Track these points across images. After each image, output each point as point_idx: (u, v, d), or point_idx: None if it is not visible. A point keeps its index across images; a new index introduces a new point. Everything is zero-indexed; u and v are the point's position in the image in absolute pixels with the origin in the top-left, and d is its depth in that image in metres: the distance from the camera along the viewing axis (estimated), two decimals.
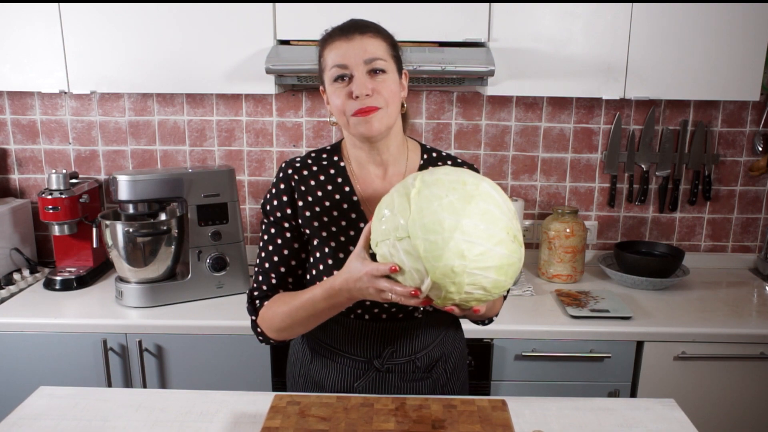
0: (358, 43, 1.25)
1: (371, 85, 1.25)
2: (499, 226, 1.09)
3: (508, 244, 1.10)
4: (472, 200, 1.08)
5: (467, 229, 1.06)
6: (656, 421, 1.32)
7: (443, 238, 1.05)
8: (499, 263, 1.09)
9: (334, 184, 1.37)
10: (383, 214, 1.14)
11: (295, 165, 1.39)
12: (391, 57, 1.29)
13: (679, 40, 2.05)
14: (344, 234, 1.35)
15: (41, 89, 2.13)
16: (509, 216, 1.13)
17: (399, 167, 1.38)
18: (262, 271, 1.38)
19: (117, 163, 2.52)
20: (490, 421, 1.27)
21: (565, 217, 2.33)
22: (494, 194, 1.13)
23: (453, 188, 1.10)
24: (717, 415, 2.03)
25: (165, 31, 2.06)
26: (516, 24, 2.04)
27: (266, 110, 2.46)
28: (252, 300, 1.39)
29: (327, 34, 1.31)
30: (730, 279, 2.44)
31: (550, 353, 1.97)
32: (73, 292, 2.21)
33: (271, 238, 1.38)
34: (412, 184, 1.13)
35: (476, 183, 1.12)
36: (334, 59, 1.26)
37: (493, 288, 1.11)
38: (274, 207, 1.37)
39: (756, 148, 2.46)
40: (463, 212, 1.07)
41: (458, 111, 2.46)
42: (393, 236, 1.10)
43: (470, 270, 1.07)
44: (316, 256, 1.36)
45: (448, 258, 1.05)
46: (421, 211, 1.08)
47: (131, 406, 1.36)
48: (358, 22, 1.30)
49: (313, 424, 1.26)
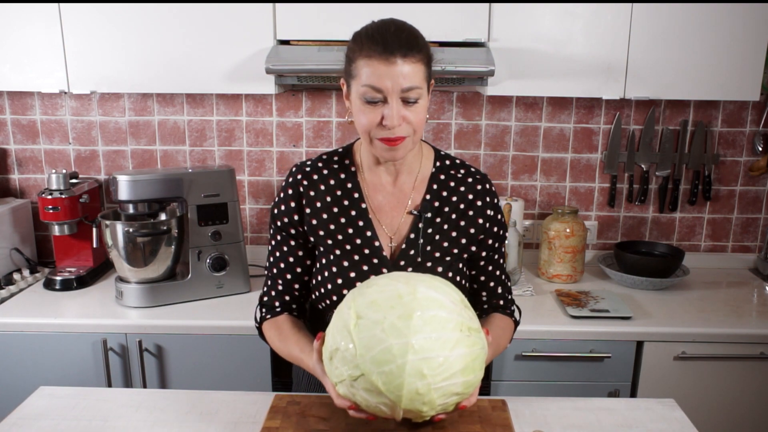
0: (399, 69, 1.18)
1: (403, 113, 1.21)
2: (450, 327, 1.05)
3: (465, 340, 1.06)
4: (413, 313, 1.03)
5: (418, 346, 1.01)
6: (656, 421, 1.32)
7: (397, 365, 1.01)
8: (464, 365, 1.05)
9: (344, 189, 1.37)
10: (330, 348, 1.09)
11: (305, 169, 1.38)
12: (425, 79, 1.24)
13: (679, 40, 2.05)
14: (350, 242, 1.34)
15: (41, 89, 2.13)
16: (458, 308, 1.08)
17: (410, 175, 1.38)
18: (270, 276, 1.43)
19: (117, 163, 2.52)
20: (490, 421, 1.27)
21: (565, 217, 2.33)
22: (434, 294, 1.07)
23: (390, 306, 1.05)
24: (717, 415, 2.03)
25: (165, 31, 2.06)
26: (516, 24, 2.04)
27: (266, 110, 2.46)
28: (261, 306, 1.44)
29: (365, 39, 1.22)
30: (730, 279, 2.44)
31: (550, 353, 1.97)
32: (73, 292, 2.21)
33: (278, 244, 1.41)
34: (348, 314, 1.07)
35: (412, 290, 1.07)
36: (369, 78, 1.20)
37: (466, 388, 1.08)
38: (281, 212, 1.38)
39: (756, 148, 2.46)
40: (408, 331, 1.02)
41: (458, 111, 2.46)
42: (347, 376, 1.05)
43: (436, 385, 1.03)
44: (322, 263, 1.37)
45: (409, 383, 1.01)
46: (366, 345, 1.03)
47: (131, 406, 1.36)
48: (401, 34, 1.21)
49: (313, 424, 1.26)
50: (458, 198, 1.38)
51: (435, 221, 1.36)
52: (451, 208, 1.37)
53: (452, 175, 1.39)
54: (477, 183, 1.39)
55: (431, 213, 1.36)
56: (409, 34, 1.23)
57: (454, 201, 1.38)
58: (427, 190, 1.38)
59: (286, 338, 1.36)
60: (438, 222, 1.36)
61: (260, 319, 1.43)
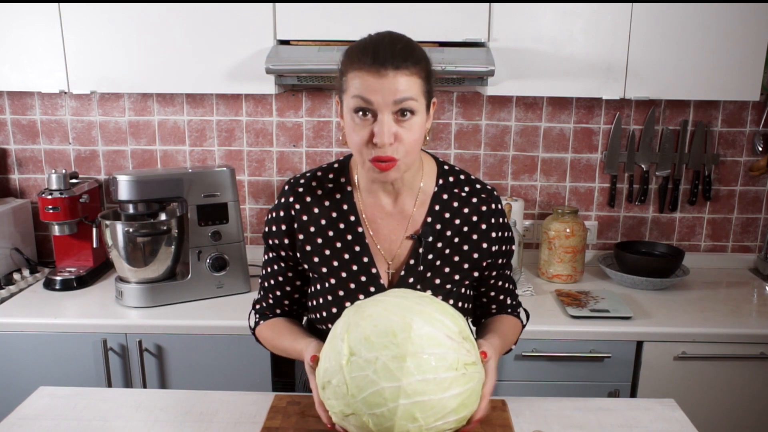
0: (390, 81, 1.09)
1: (395, 129, 1.12)
2: (444, 367, 1.01)
3: (460, 379, 1.03)
4: (407, 354, 1.00)
5: (411, 390, 0.99)
6: (656, 421, 1.32)
7: (389, 409, 0.99)
8: (457, 404, 1.03)
9: (339, 211, 1.29)
10: (322, 377, 1.07)
11: (298, 190, 1.30)
12: (423, 94, 1.14)
13: (679, 40, 2.05)
14: (346, 269, 1.28)
15: (41, 89, 2.13)
16: (455, 344, 1.04)
17: (411, 195, 1.29)
18: (262, 288, 1.41)
19: (117, 163, 2.52)
20: (490, 421, 1.27)
21: (565, 217, 2.33)
22: (429, 330, 1.03)
23: (383, 345, 1.01)
24: (717, 415, 2.03)
25: (165, 31, 2.06)
26: (516, 24, 2.04)
27: (266, 110, 2.46)
28: (254, 312, 1.44)
29: (356, 52, 1.14)
30: (730, 279, 2.44)
31: (550, 353, 1.97)
32: (73, 292, 2.21)
33: (269, 261, 1.38)
34: (341, 347, 1.05)
35: (406, 327, 1.02)
36: (358, 89, 1.11)
37: (459, 423, 1.06)
38: (273, 233, 1.33)
39: (756, 148, 2.46)
40: (400, 374, 0.99)
41: (458, 111, 2.46)
42: (339, 411, 1.05)
43: (428, 426, 1.01)
44: (316, 288, 1.31)
45: (400, 426, 1.00)
46: (358, 386, 1.01)
47: (131, 406, 1.36)
48: (396, 45, 1.12)
49: (313, 424, 1.26)
50: (461, 220, 1.29)
51: (436, 246, 1.28)
52: (453, 231, 1.29)
53: (456, 194, 1.30)
54: (482, 203, 1.30)
55: (432, 237, 1.28)
56: (405, 45, 1.13)
57: (457, 224, 1.29)
58: (429, 211, 1.29)
59: (280, 333, 1.34)
60: (439, 247, 1.28)
61: (254, 325, 1.43)
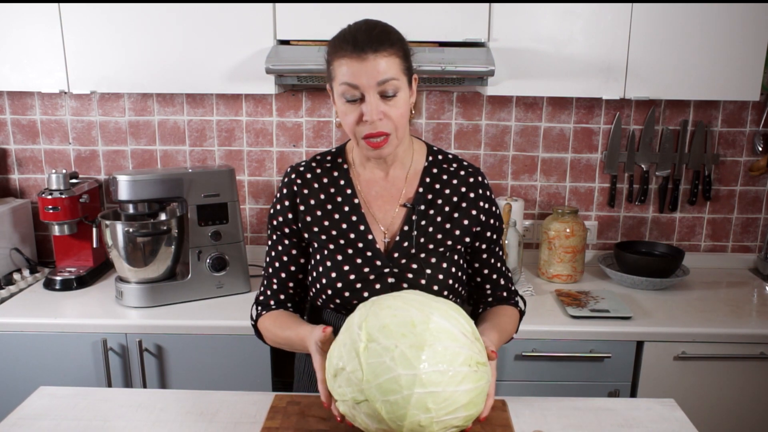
0: (372, 64, 1.21)
1: (382, 107, 1.23)
2: (459, 362, 1.04)
3: (472, 375, 1.05)
4: (425, 344, 1.02)
5: (426, 380, 1.01)
6: (656, 421, 1.32)
7: (403, 396, 1.00)
8: (467, 400, 1.05)
9: (337, 186, 1.39)
10: (335, 365, 1.08)
11: (299, 169, 1.41)
12: (403, 72, 1.25)
13: (679, 40, 2.05)
14: (344, 237, 1.36)
15: (41, 89, 2.13)
16: (469, 341, 1.07)
17: (402, 169, 1.40)
18: (266, 276, 1.46)
19: (117, 163, 2.52)
20: (490, 421, 1.27)
21: (565, 217, 2.33)
22: (446, 325, 1.06)
23: (402, 334, 1.03)
24: (717, 415, 2.03)
25: (165, 32, 2.06)
26: (516, 24, 2.04)
27: (266, 110, 2.46)
28: (256, 305, 1.46)
29: (338, 41, 1.26)
30: (730, 279, 2.44)
31: (550, 353, 1.97)
32: (73, 292, 2.21)
33: (273, 244, 1.44)
34: (359, 334, 1.06)
35: (426, 318, 1.05)
36: (344, 76, 1.23)
37: (467, 421, 1.08)
38: (276, 212, 1.41)
39: (756, 148, 2.46)
40: (417, 362, 1.01)
41: (458, 111, 2.46)
42: (350, 398, 1.05)
43: (439, 419, 1.03)
44: (317, 258, 1.39)
45: (412, 415, 1.01)
46: (374, 372, 1.02)
47: (131, 406, 1.36)
48: (372, 31, 1.24)
49: (313, 424, 1.26)
50: (451, 190, 1.39)
51: (428, 213, 1.37)
52: (444, 200, 1.38)
53: (445, 169, 1.41)
54: (469, 176, 1.41)
55: (424, 205, 1.37)
56: (381, 30, 1.24)
57: (447, 193, 1.39)
58: (420, 183, 1.39)
59: (282, 324, 1.37)
60: (431, 214, 1.37)
61: (255, 316, 1.44)
